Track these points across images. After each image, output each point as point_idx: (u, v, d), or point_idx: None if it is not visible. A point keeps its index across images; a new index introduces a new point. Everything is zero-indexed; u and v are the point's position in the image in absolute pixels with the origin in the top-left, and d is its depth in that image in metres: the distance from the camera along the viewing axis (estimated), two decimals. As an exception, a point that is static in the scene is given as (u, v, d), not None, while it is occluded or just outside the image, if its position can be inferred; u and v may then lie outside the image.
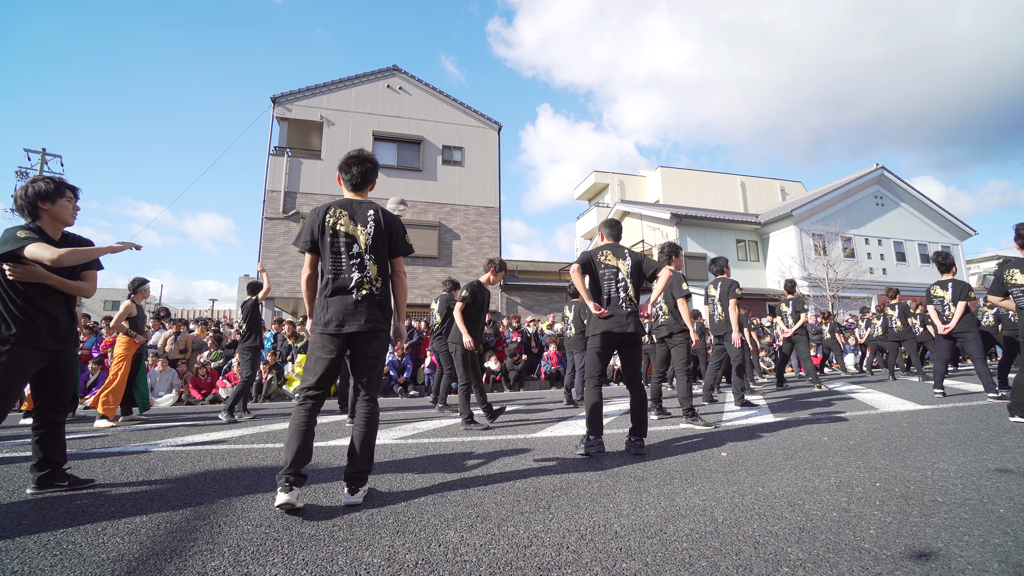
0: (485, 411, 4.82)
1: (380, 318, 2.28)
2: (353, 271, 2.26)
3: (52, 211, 2.41)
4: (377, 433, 2.30)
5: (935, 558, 1.53)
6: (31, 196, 2.37)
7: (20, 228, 2.33)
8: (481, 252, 15.77)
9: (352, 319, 2.21)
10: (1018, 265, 3.96)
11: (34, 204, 2.37)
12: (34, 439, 2.42)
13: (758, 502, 2.10)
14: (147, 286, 5.36)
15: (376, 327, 2.25)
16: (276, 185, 14.38)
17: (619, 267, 3.30)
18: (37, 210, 2.38)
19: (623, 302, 3.25)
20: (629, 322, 3.22)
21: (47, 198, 2.39)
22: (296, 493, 2.00)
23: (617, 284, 3.28)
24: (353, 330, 2.20)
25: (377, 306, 2.28)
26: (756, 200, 26.96)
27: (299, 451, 2.06)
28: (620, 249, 3.39)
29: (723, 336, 5.61)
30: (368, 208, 2.34)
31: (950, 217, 21.26)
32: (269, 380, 8.50)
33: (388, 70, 16.34)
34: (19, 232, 2.30)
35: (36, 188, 2.38)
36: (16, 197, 2.41)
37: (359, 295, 2.24)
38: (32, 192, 2.37)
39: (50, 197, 2.40)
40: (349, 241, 2.28)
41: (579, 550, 1.65)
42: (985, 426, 3.78)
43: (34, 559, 1.62)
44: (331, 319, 2.21)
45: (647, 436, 3.24)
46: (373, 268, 2.29)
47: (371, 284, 2.27)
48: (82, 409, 5.94)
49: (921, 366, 8.19)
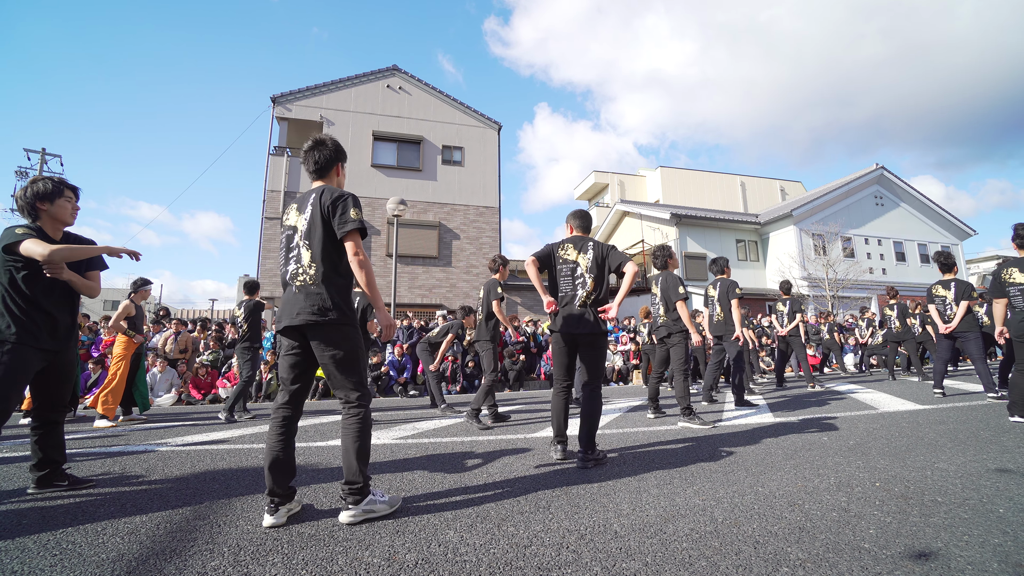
0: (489, 410, 4.86)
1: (314, 309, 2.01)
2: (291, 263, 2.13)
3: (51, 211, 2.45)
4: (362, 445, 2.00)
5: (935, 558, 1.53)
6: (30, 197, 2.41)
7: (19, 227, 2.37)
8: (481, 252, 15.76)
9: (286, 313, 2.07)
10: (1016, 264, 3.98)
11: (33, 204, 2.41)
12: (33, 439, 2.44)
13: (758, 502, 2.10)
14: (148, 287, 5.36)
15: (309, 319, 2.00)
16: (276, 185, 14.37)
17: (579, 262, 3.01)
18: (36, 210, 2.43)
19: (578, 300, 2.96)
20: (583, 323, 2.92)
21: (46, 198, 2.43)
22: (283, 512, 1.96)
23: (575, 280, 2.99)
24: (286, 323, 2.05)
25: (311, 296, 2.03)
26: (756, 200, 26.96)
27: (273, 471, 1.95)
28: (583, 242, 3.07)
29: (722, 336, 5.61)
30: (313, 193, 2.15)
31: (950, 217, 21.25)
32: (269, 380, 8.50)
33: (388, 70, 16.34)
34: (17, 229, 2.34)
35: (35, 188, 2.42)
36: (17, 198, 2.45)
37: (295, 287, 2.09)
38: (31, 193, 2.42)
39: (49, 197, 2.43)
40: (291, 233, 2.17)
41: (579, 550, 1.65)
42: (985, 426, 3.78)
43: (34, 559, 1.62)
44: (278, 317, 2.12)
45: (596, 449, 2.88)
46: (306, 255, 2.09)
47: (304, 273, 2.07)
48: (82, 409, 5.94)
49: (921, 366, 8.20)
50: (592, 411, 2.86)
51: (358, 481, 1.96)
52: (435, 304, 14.35)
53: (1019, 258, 4.02)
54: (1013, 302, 3.96)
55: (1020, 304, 3.90)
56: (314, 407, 7.01)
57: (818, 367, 11.13)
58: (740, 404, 5.44)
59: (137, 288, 5.27)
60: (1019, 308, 3.91)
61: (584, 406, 2.89)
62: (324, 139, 2.24)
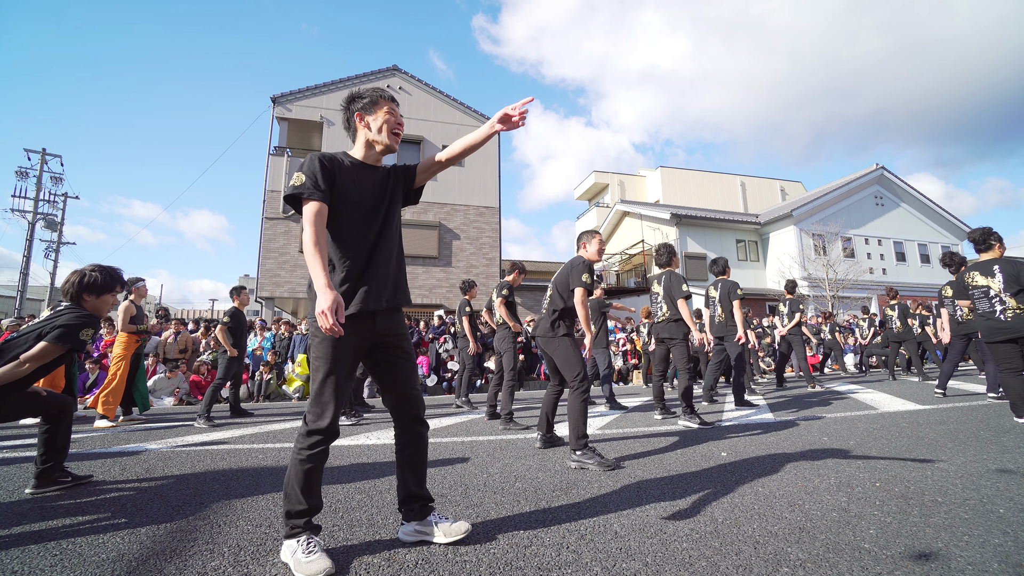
0: (490, 409, 4.88)
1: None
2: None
3: (93, 303, 2.62)
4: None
5: (935, 558, 1.53)
6: (80, 287, 2.58)
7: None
8: (481, 252, 15.76)
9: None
10: (977, 268, 4.06)
11: (79, 294, 2.57)
12: (42, 428, 2.49)
13: (758, 502, 2.10)
14: (142, 284, 5.34)
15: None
16: (276, 185, 14.37)
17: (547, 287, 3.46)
18: (81, 299, 2.58)
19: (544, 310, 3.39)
20: (539, 327, 3.31)
21: (93, 291, 2.60)
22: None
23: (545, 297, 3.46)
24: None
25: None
26: (756, 200, 26.97)
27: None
28: (567, 266, 3.39)
29: (723, 337, 5.61)
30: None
31: (950, 217, 21.25)
32: (269, 380, 8.51)
33: (388, 70, 16.35)
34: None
35: (88, 280, 2.58)
36: (66, 282, 2.59)
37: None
38: (84, 283, 2.58)
39: (96, 291, 2.61)
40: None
41: (579, 550, 1.65)
42: (985, 426, 3.78)
43: (34, 559, 1.62)
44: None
45: (584, 450, 2.84)
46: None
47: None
48: (82, 409, 5.94)
49: (921, 366, 8.20)
50: (570, 411, 2.97)
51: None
52: (435, 304, 14.34)
53: (980, 262, 4.09)
54: (978, 304, 4.02)
55: (985, 307, 3.95)
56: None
57: (818, 367, 11.13)
58: (740, 404, 5.44)
59: (132, 286, 5.27)
60: (984, 310, 3.96)
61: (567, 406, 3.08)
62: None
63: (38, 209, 20.61)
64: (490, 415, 4.91)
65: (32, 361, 2.30)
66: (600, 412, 5.36)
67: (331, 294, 1.47)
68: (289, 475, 1.59)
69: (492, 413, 4.91)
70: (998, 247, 4.03)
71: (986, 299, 3.94)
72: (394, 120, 1.77)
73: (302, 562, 1.48)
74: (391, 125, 1.76)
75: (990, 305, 3.90)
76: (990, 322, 3.89)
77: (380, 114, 1.75)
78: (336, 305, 1.46)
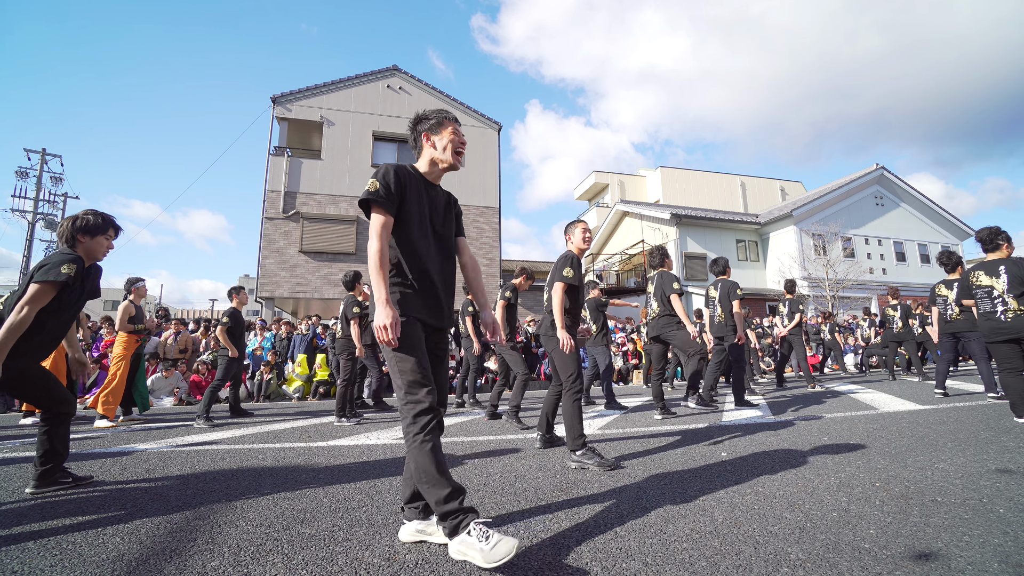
0: (491, 409, 4.90)
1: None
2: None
3: (88, 245, 2.60)
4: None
5: (935, 558, 1.53)
6: (74, 229, 2.57)
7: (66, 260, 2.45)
8: (481, 252, 15.77)
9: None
10: (982, 267, 4.02)
11: (74, 236, 2.56)
12: (43, 428, 2.48)
13: (758, 502, 2.10)
14: (141, 284, 5.35)
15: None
16: (276, 185, 14.37)
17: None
18: (75, 241, 2.58)
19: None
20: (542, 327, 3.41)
21: (87, 232, 2.59)
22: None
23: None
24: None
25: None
26: (756, 200, 26.96)
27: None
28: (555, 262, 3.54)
29: (723, 337, 5.62)
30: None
31: (950, 217, 21.25)
32: (269, 380, 8.51)
33: (388, 70, 16.34)
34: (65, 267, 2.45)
35: (81, 222, 2.58)
36: (61, 225, 2.60)
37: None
38: (76, 225, 2.57)
39: (90, 232, 2.60)
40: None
41: (579, 550, 1.65)
42: (985, 426, 3.77)
43: (34, 559, 1.62)
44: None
45: (583, 450, 2.84)
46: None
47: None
48: (82, 409, 5.94)
49: (921, 366, 8.19)
50: (563, 411, 2.99)
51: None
52: (435, 304, 14.34)
53: (986, 261, 4.05)
54: (980, 304, 4.00)
55: (987, 307, 3.93)
56: (314, 408, 7.02)
57: (818, 367, 11.13)
58: (740, 404, 5.44)
59: (132, 286, 5.27)
60: (985, 310, 3.94)
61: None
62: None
63: (38, 209, 20.63)
64: (490, 415, 4.91)
65: (29, 304, 2.32)
66: (599, 412, 5.36)
67: (390, 311, 1.58)
68: (418, 467, 1.58)
69: (492, 413, 4.92)
70: (1006, 247, 3.98)
71: (989, 299, 3.91)
72: (458, 140, 1.87)
73: (486, 550, 1.43)
74: (455, 144, 1.86)
75: (992, 305, 3.88)
76: (990, 322, 3.88)
77: (445, 134, 1.85)
78: (394, 321, 1.57)
